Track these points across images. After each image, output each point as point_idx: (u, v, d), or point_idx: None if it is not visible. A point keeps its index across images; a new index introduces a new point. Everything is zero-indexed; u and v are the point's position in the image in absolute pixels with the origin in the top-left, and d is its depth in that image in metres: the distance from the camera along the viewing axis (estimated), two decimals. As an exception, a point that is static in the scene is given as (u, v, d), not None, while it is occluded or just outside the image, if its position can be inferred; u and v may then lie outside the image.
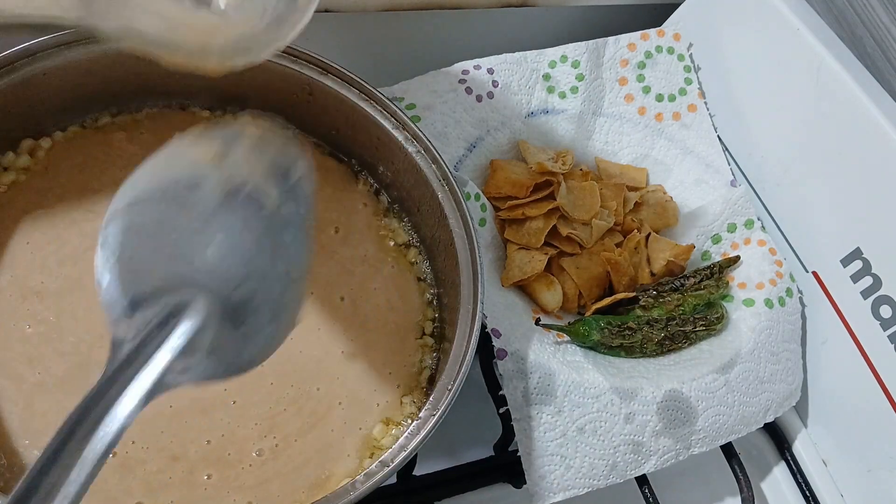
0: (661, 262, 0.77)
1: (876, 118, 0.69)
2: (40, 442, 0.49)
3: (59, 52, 0.55)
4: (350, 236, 0.62)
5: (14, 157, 0.57)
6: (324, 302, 0.59)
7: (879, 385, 0.71)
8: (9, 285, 0.53)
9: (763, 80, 0.80)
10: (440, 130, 0.72)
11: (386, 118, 0.61)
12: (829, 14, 0.81)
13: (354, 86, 0.61)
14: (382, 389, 0.57)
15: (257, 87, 0.63)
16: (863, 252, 0.72)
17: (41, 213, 0.56)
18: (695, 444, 0.68)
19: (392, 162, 0.63)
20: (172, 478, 0.50)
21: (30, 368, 0.50)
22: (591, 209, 0.77)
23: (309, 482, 0.52)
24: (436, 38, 0.82)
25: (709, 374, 0.69)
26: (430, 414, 0.50)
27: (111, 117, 0.61)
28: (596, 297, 0.74)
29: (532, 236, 0.72)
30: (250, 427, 0.52)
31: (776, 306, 0.74)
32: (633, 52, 0.83)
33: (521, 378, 0.62)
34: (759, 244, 0.78)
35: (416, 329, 0.60)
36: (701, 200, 0.81)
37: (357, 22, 0.76)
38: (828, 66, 0.73)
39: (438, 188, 0.60)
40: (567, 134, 0.81)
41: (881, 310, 0.70)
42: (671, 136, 0.84)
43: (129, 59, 0.58)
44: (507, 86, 0.77)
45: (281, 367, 0.55)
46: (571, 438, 0.62)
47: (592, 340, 0.68)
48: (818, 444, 0.79)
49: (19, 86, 0.54)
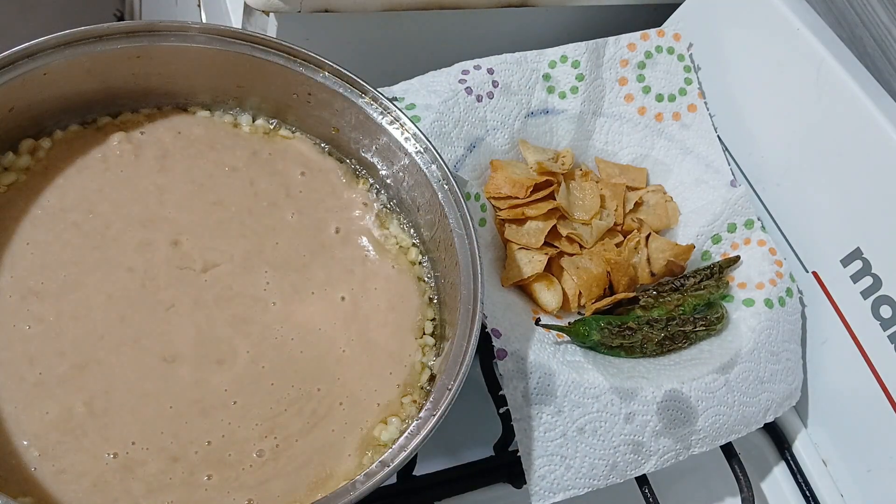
0: (661, 262, 0.77)
1: (876, 118, 0.70)
2: (40, 442, 0.49)
3: (59, 51, 0.55)
4: (350, 236, 0.62)
5: (14, 157, 0.57)
6: (324, 302, 0.59)
7: (879, 385, 0.71)
8: (9, 285, 0.53)
9: (763, 80, 0.80)
10: (440, 130, 0.72)
11: (386, 118, 0.61)
12: (829, 14, 0.81)
13: (354, 86, 0.61)
14: (383, 389, 0.56)
15: (257, 87, 0.63)
16: (863, 252, 0.72)
17: (41, 214, 0.56)
18: (695, 444, 0.68)
19: (392, 162, 0.63)
20: (172, 478, 0.50)
21: (30, 368, 0.50)
22: (591, 209, 0.77)
23: (309, 482, 0.52)
24: (436, 38, 0.82)
25: (709, 374, 0.69)
26: (430, 414, 0.50)
27: (111, 117, 0.61)
28: (596, 297, 0.74)
29: (532, 236, 0.72)
30: (251, 428, 0.52)
31: (776, 306, 0.74)
32: (633, 52, 0.83)
33: (521, 378, 0.62)
34: (759, 244, 0.78)
35: (416, 329, 0.60)
36: (701, 200, 0.81)
37: (357, 22, 0.76)
38: (828, 66, 0.73)
39: (438, 188, 0.60)
40: (567, 134, 0.81)
41: (881, 310, 0.70)
42: (671, 136, 0.84)
43: (129, 59, 0.58)
44: (507, 86, 0.77)
45: (282, 368, 0.55)
46: (571, 438, 0.62)
47: (592, 340, 0.68)
48: (818, 444, 0.79)
49: (19, 85, 0.54)
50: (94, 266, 0.55)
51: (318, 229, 0.62)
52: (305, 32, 0.74)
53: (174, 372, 0.53)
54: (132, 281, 0.55)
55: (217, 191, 0.60)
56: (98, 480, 0.48)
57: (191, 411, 0.52)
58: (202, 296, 0.56)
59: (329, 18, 0.74)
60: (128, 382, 0.52)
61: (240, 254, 0.58)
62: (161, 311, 0.55)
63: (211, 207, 0.60)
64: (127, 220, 0.57)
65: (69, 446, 0.49)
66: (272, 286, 0.58)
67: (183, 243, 0.58)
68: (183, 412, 0.52)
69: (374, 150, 0.64)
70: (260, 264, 0.58)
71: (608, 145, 0.83)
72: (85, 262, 0.55)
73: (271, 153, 0.64)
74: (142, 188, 0.59)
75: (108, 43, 0.56)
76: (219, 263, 0.58)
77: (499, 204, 0.75)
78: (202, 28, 0.59)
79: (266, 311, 0.57)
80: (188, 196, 0.60)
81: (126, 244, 0.56)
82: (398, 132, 0.61)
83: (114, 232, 0.56)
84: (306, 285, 0.59)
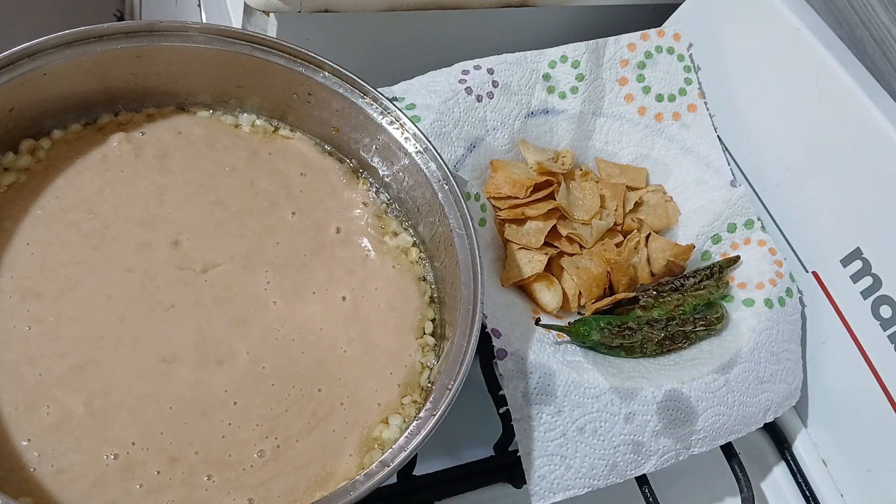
0: (661, 262, 0.77)
1: (876, 118, 0.70)
2: (40, 442, 0.49)
3: (59, 51, 0.55)
4: (350, 236, 0.62)
5: (14, 157, 0.57)
6: (325, 302, 0.58)
7: (879, 385, 0.71)
8: (8, 286, 0.53)
9: (763, 80, 0.80)
10: (440, 130, 0.72)
11: (386, 118, 0.61)
12: (829, 14, 0.81)
13: (354, 86, 0.61)
14: (383, 389, 0.56)
15: (257, 87, 0.63)
16: (863, 252, 0.72)
17: (41, 214, 0.56)
18: (695, 444, 0.68)
19: (392, 162, 0.63)
20: (172, 479, 0.50)
21: (29, 369, 0.50)
22: (591, 209, 0.77)
23: (310, 482, 0.52)
24: (436, 38, 0.82)
25: (709, 374, 0.69)
26: (430, 414, 0.50)
27: (111, 117, 0.61)
28: (596, 297, 0.74)
29: (532, 236, 0.72)
30: (251, 428, 0.52)
31: (776, 306, 0.74)
32: (633, 52, 0.83)
33: (521, 378, 0.62)
34: (759, 244, 0.78)
35: (417, 329, 0.60)
36: (701, 200, 0.81)
37: (357, 22, 0.76)
38: (828, 66, 0.73)
39: (438, 188, 0.60)
40: (567, 134, 0.81)
41: (881, 310, 0.70)
42: (671, 136, 0.84)
43: (129, 59, 0.58)
44: (507, 86, 0.77)
45: (282, 368, 0.55)
46: (571, 438, 0.62)
47: (592, 340, 0.68)
48: (818, 444, 0.79)
49: (19, 85, 0.54)
50: (93, 266, 0.55)
51: (319, 229, 0.62)
52: (305, 32, 0.74)
53: (174, 372, 0.53)
54: (132, 281, 0.55)
55: (217, 191, 0.60)
56: (98, 481, 0.48)
57: (190, 412, 0.52)
58: (202, 296, 0.56)
59: (329, 18, 0.74)
60: (127, 383, 0.52)
61: (240, 254, 0.58)
62: (161, 311, 0.55)
63: (211, 207, 0.60)
64: (127, 221, 0.57)
65: (69, 447, 0.49)
66: (272, 286, 0.58)
67: (183, 243, 0.57)
68: (183, 413, 0.52)
69: (374, 150, 0.64)
70: (260, 264, 0.58)
71: (608, 145, 0.83)
72: (85, 262, 0.55)
73: (271, 153, 0.64)
74: (142, 188, 0.59)
75: (108, 43, 0.56)
76: (219, 263, 0.58)
77: (499, 204, 0.75)
78: (202, 28, 0.59)
79: (266, 311, 0.57)
80: (188, 196, 0.60)
81: (126, 244, 0.56)
82: (398, 132, 0.61)
83: (113, 232, 0.56)
84: (307, 285, 0.59)
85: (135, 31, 0.57)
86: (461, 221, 0.58)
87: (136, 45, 0.57)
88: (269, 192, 0.62)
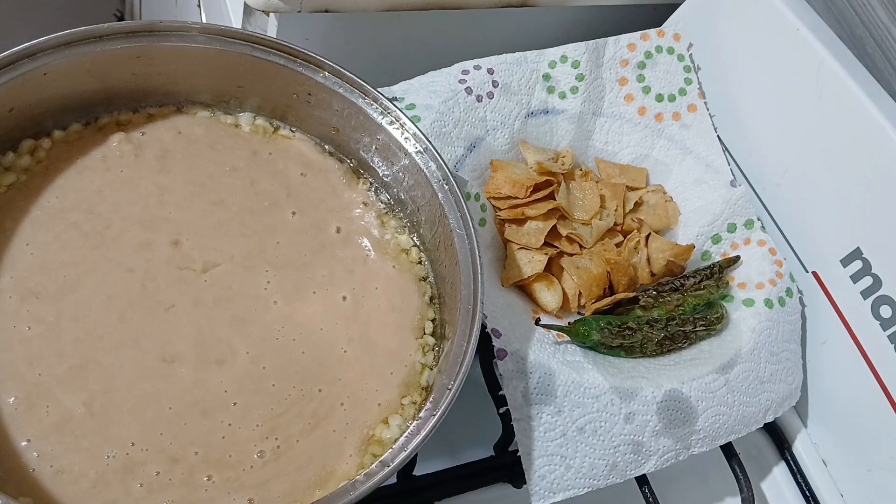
0: (661, 262, 0.77)
1: (876, 118, 0.70)
2: (40, 442, 0.49)
3: (59, 51, 0.55)
4: (351, 236, 0.62)
5: (14, 157, 0.57)
6: (325, 302, 0.58)
7: (879, 385, 0.71)
8: (9, 286, 0.53)
9: (763, 80, 0.80)
10: (440, 130, 0.72)
11: (386, 118, 0.61)
12: (829, 14, 0.81)
13: (354, 86, 0.61)
14: (383, 389, 0.56)
15: (257, 87, 0.63)
16: (863, 252, 0.72)
17: (41, 214, 0.56)
18: (695, 444, 0.68)
19: (392, 162, 0.63)
20: (172, 479, 0.50)
21: (30, 368, 0.50)
22: (591, 209, 0.77)
23: (310, 482, 0.52)
24: (436, 38, 0.82)
25: (709, 374, 0.69)
26: (430, 414, 0.50)
27: (111, 117, 0.61)
28: (596, 297, 0.74)
29: (532, 236, 0.72)
30: (252, 429, 0.52)
31: (776, 306, 0.74)
32: (633, 53, 0.83)
33: (521, 378, 0.62)
34: (758, 244, 0.78)
35: (417, 329, 0.60)
36: (701, 200, 0.81)
37: (357, 22, 0.76)
38: (828, 66, 0.73)
39: (438, 188, 0.60)
40: (567, 134, 0.81)
41: (881, 310, 0.70)
42: (671, 136, 0.84)
43: (129, 59, 0.58)
44: (507, 86, 0.77)
45: (283, 369, 0.55)
46: (571, 438, 0.62)
47: (592, 340, 0.68)
48: (818, 444, 0.79)
49: (19, 85, 0.54)
50: (93, 266, 0.55)
51: (319, 229, 0.62)
52: (305, 32, 0.74)
53: (174, 372, 0.53)
54: (132, 281, 0.55)
55: (217, 191, 0.60)
56: (97, 481, 0.48)
57: (191, 412, 0.52)
58: (202, 296, 0.56)
59: (329, 18, 0.74)
60: (127, 383, 0.52)
61: (240, 254, 0.58)
62: (161, 311, 0.55)
63: (211, 207, 0.60)
64: (127, 221, 0.57)
65: (69, 447, 0.49)
66: (273, 286, 0.58)
67: (183, 243, 0.57)
68: (183, 413, 0.52)
69: (374, 150, 0.64)
70: (260, 264, 0.58)
71: (608, 145, 0.83)
72: (85, 262, 0.55)
73: (271, 153, 0.64)
74: (142, 188, 0.59)
75: (108, 43, 0.56)
76: (219, 263, 0.58)
77: (499, 204, 0.75)
78: (202, 28, 0.59)
79: (267, 311, 0.57)
80: (188, 196, 0.60)
81: (126, 244, 0.56)
82: (398, 132, 0.61)
83: (114, 232, 0.56)
84: (307, 285, 0.59)
85: (135, 31, 0.57)
86: (461, 221, 0.58)
87: (137, 45, 0.57)
88: (270, 192, 0.62)
